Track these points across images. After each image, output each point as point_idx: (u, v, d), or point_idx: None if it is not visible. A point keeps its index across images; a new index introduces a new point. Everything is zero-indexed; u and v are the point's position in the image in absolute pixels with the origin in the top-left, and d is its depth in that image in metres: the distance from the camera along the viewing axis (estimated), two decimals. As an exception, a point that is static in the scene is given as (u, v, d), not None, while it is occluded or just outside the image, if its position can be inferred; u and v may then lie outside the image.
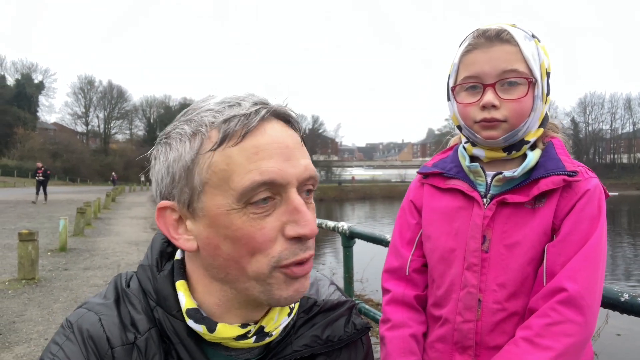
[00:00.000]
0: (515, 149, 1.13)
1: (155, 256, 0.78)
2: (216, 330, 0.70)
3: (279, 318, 0.76)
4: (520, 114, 1.07)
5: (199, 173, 0.66)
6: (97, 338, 0.69)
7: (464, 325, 1.13)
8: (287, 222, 0.66)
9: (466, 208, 1.17)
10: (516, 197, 1.10)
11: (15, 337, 4.62)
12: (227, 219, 0.65)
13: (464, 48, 1.13)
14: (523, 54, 1.06)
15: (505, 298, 1.09)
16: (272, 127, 0.68)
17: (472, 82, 1.10)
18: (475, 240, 1.13)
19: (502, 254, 1.10)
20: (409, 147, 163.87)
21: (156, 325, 0.72)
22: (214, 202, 0.66)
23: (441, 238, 1.20)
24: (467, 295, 1.13)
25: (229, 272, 0.69)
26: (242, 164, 0.64)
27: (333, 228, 3.84)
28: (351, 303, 0.86)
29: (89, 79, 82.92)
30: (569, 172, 1.06)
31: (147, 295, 0.74)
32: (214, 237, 0.67)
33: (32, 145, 64.45)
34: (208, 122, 0.67)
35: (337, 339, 0.80)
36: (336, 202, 56.22)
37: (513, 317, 1.09)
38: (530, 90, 1.07)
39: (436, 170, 1.25)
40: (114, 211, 20.24)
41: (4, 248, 9.45)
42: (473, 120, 1.11)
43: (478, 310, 1.11)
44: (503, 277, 1.10)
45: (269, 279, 0.67)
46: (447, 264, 1.18)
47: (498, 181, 1.13)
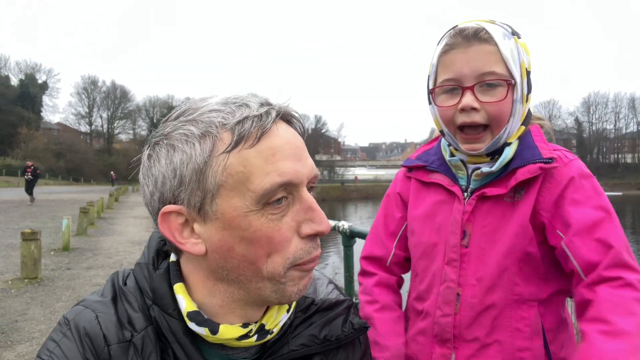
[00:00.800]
0: (498, 153, 1.12)
1: (152, 254, 0.78)
2: (219, 332, 0.70)
3: (279, 315, 0.76)
4: (500, 117, 1.06)
5: (213, 175, 0.65)
6: (93, 335, 0.70)
7: (443, 319, 1.14)
8: (303, 221, 0.68)
9: (448, 202, 1.17)
10: (495, 190, 1.10)
11: (18, 336, 4.64)
12: (245, 220, 0.65)
13: (441, 48, 1.10)
14: (502, 54, 1.04)
15: (483, 292, 1.10)
16: (282, 128, 0.69)
17: (451, 84, 1.08)
18: (455, 235, 1.13)
19: (482, 248, 1.11)
20: (411, 147, 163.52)
21: (152, 323, 0.72)
22: (229, 204, 0.65)
23: (424, 233, 1.20)
24: (446, 290, 1.14)
25: (241, 272, 0.69)
26: (260, 165, 0.64)
27: (334, 227, 3.85)
28: (349, 302, 0.86)
29: (93, 79, 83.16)
30: (545, 160, 1.05)
31: (143, 293, 0.74)
32: (228, 239, 0.67)
33: (36, 145, 64.64)
34: (218, 123, 0.65)
35: (334, 339, 0.80)
36: (339, 202, 56.23)
37: (490, 309, 1.09)
38: (510, 93, 1.05)
39: (419, 164, 1.25)
40: (117, 211, 20.29)
41: (7, 247, 9.49)
42: (454, 124, 1.10)
43: (457, 305, 1.12)
44: (482, 272, 1.10)
45: (283, 278, 0.69)
46: (430, 259, 1.18)
47: (477, 176, 1.13)
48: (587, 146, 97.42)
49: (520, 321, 1.08)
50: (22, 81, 75.86)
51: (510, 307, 1.08)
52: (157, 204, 0.69)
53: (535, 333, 1.08)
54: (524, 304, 1.08)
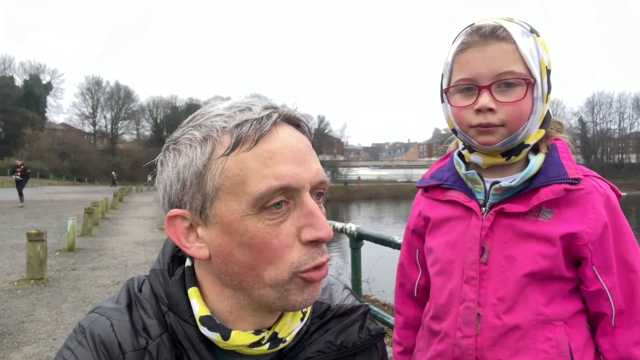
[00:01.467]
0: (515, 154, 1.07)
1: (167, 261, 0.78)
2: (230, 337, 0.70)
3: (292, 323, 0.75)
4: (519, 117, 1.01)
5: (212, 179, 0.65)
6: (108, 343, 0.69)
7: (464, 340, 1.08)
8: (303, 227, 0.66)
9: (464, 218, 1.12)
10: (515, 207, 1.05)
11: (24, 337, 4.65)
12: (242, 225, 0.64)
13: (457, 46, 1.06)
14: (520, 52, 1.00)
15: (505, 312, 1.05)
16: (284, 132, 0.68)
17: (467, 84, 1.04)
18: (473, 252, 1.08)
19: (502, 266, 1.06)
20: (415, 147, 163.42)
21: (168, 330, 0.71)
22: (227, 207, 0.65)
23: (440, 250, 1.16)
24: (466, 310, 1.08)
25: (243, 279, 0.68)
26: (256, 169, 0.64)
27: (341, 229, 3.84)
28: (365, 308, 0.85)
29: (97, 80, 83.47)
30: (570, 180, 1.00)
31: (159, 300, 0.74)
32: (227, 244, 0.66)
33: (40, 145, 64.91)
34: (219, 127, 0.66)
35: (351, 345, 0.79)
36: (342, 202, 56.22)
37: (514, 331, 1.04)
38: (529, 92, 1.01)
39: (434, 183, 1.20)
40: (121, 211, 20.34)
41: (12, 248, 9.53)
42: (468, 124, 1.05)
43: (477, 325, 1.07)
44: (503, 291, 1.05)
45: (288, 285, 0.67)
46: (447, 277, 1.14)
47: (496, 190, 1.08)
48: (591, 146, 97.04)
49: (546, 342, 1.03)
50: (27, 82, 76.21)
51: (535, 328, 1.03)
52: (167, 207, 0.70)
53: (562, 354, 1.02)
54: (549, 324, 1.03)
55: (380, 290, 8.47)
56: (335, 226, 3.95)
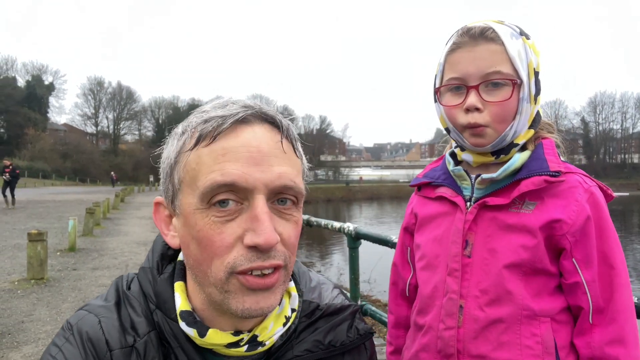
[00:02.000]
0: (504, 153, 1.09)
1: (156, 258, 0.78)
2: (206, 335, 0.70)
3: (274, 327, 0.74)
4: (504, 117, 1.04)
5: (178, 171, 0.69)
6: (96, 340, 0.69)
7: (446, 332, 1.08)
8: (247, 230, 0.64)
9: (451, 214, 1.14)
10: (497, 200, 1.07)
11: (24, 337, 4.66)
12: (193, 218, 0.67)
13: (448, 47, 1.09)
14: (508, 53, 1.03)
15: (487, 304, 1.05)
16: (251, 131, 0.67)
17: (456, 83, 1.07)
18: (456, 244, 1.10)
19: (485, 258, 1.07)
20: (416, 147, 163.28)
21: (155, 328, 0.71)
22: (186, 200, 0.68)
23: (427, 245, 1.18)
24: (449, 302, 1.09)
25: (197, 273, 0.69)
26: (207, 164, 0.65)
27: (339, 229, 3.84)
28: (355, 307, 0.85)
29: (99, 80, 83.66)
30: (551, 172, 1.02)
31: (147, 298, 0.74)
32: (186, 236, 0.69)
33: (43, 146, 65.12)
34: (194, 123, 0.69)
35: (339, 344, 0.79)
36: (344, 203, 56.28)
37: (496, 324, 1.04)
38: (515, 92, 1.03)
39: (425, 181, 1.23)
40: (122, 211, 20.37)
41: (13, 248, 9.55)
42: (460, 124, 1.08)
43: (460, 317, 1.08)
44: (485, 283, 1.06)
45: (226, 286, 0.65)
46: (431, 271, 1.15)
47: (480, 184, 1.10)
48: (594, 146, 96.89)
49: (531, 338, 1.02)
50: (29, 82, 76.50)
51: (520, 323, 1.03)
52: None
53: (547, 351, 1.02)
54: (535, 319, 1.03)
55: (381, 290, 8.46)
56: (333, 226, 3.95)
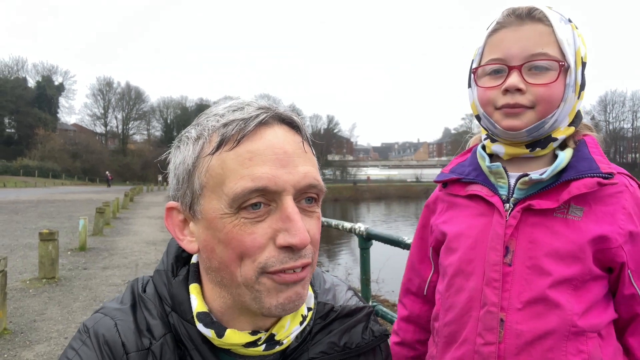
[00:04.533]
0: (540, 146, 1.00)
1: (171, 261, 0.79)
2: (225, 335, 0.70)
3: (291, 326, 0.75)
4: (550, 100, 0.95)
5: (199, 176, 0.68)
6: (112, 343, 0.70)
7: (485, 347, 0.99)
8: (280, 230, 0.65)
9: (486, 215, 1.04)
10: (543, 203, 0.97)
11: (36, 336, 4.70)
12: (221, 222, 0.66)
13: (491, 28, 1.02)
14: (556, 35, 0.95)
15: (531, 318, 0.96)
16: (273, 132, 0.68)
17: (497, 63, 0.99)
18: (496, 252, 1.00)
19: (527, 267, 0.98)
20: (424, 147, 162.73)
21: (171, 330, 0.71)
22: (210, 205, 0.67)
23: (459, 249, 1.07)
24: (487, 315, 0.99)
25: (223, 275, 0.69)
26: (235, 169, 0.65)
27: (350, 229, 3.82)
28: (369, 309, 0.85)
29: (108, 81, 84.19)
30: (604, 175, 0.94)
31: (162, 300, 0.74)
32: (210, 240, 0.68)
33: (53, 146, 65.79)
34: (211, 126, 0.68)
35: (354, 346, 0.79)
36: (351, 202, 56.24)
37: (542, 340, 0.95)
38: (562, 77, 0.95)
39: (454, 177, 1.13)
40: (132, 211, 20.52)
41: (25, 247, 9.65)
42: (494, 106, 1.00)
43: (500, 332, 0.98)
44: (528, 294, 0.97)
45: (257, 285, 0.66)
46: (465, 278, 1.05)
47: (523, 184, 1.00)
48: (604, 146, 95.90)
49: (578, 355, 0.94)
50: (39, 83, 77.19)
51: (566, 339, 0.94)
52: (170, 200, 0.74)
53: None
54: (583, 335, 0.94)
55: (390, 290, 8.45)
56: (344, 226, 3.94)
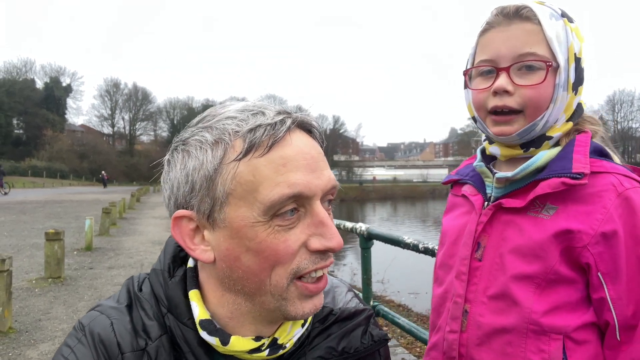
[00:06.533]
0: (534, 146, 1.00)
1: (168, 261, 0.77)
2: (230, 343, 0.69)
3: (293, 329, 0.74)
4: (537, 102, 0.95)
5: (222, 183, 0.64)
6: (108, 342, 0.69)
7: (450, 335, 1.06)
8: (312, 235, 0.66)
9: (469, 213, 1.09)
10: (512, 202, 0.99)
11: (41, 335, 4.74)
12: (252, 231, 0.64)
13: (481, 28, 1.04)
14: (545, 34, 0.95)
15: (493, 312, 0.99)
16: (298, 138, 0.67)
17: (487, 65, 0.99)
18: (466, 247, 1.05)
19: (495, 263, 1.00)
20: (431, 147, 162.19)
21: (167, 332, 0.71)
22: (237, 213, 0.64)
23: (445, 244, 1.15)
24: (453, 305, 1.06)
25: (246, 284, 0.67)
26: (269, 175, 0.63)
27: (351, 229, 3.83)
28: (369, 312, 0.83)
29: (115, 82, 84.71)
30: (572, 175, 0.92)
31: (159, 301, 0.73)
32: (235, 248, 0.66)
33: (61, 146, 66.27)
34: (232, 131, 0.65)
35: (353, 351, 0.77)
36: (357, 203, 56.10)
37: (502, 333, 0.97)
38: (551, 77, 0.95)
39: (454, 178, 1.20)
40: (138, 211, 20.62)
41: (31, 247, 9.72)
42: (485, 109, 1.01)
43: (464, 322, 1.03)
44: (493, 289, 1.00)
45: (285, 293, 0.66)
46: (446, 271, 1.12)
47: (497, 183, 1.04)
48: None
49: (537, 354, 0.94)
50: (47, 84, 77.78)
51: (525, 336, 0.95)
52: (173, 208, 0.69)
53: None
54: (544, 335, 0.94)
55: (395, 290, 8.42)
56: (346, 226, 3.94)
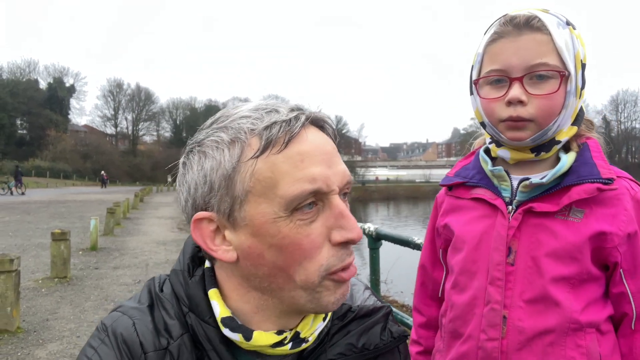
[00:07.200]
0: (545, 150, 1.04)
1: (187, 261, 0.78)
2: (253, 338, 0.70)
3: (315, 323, 0.75)
4: (550, 111, 0.99)
5: (241, 181, 0.65)
6: (130, 342, 0.69)
7: (489, 343, 1.04)
8: (333, 228, 0.66)
9: (490, 217, 1.09)
10: (544, 206, 1.01)
11: (49, 335, 4.76)
12: (274, 227, 0.64)
13: (489, 36, 1.04)
14: (555, 43, 0.97)
15: (533, 315, 1.01)
16: (312, 134, 0.68)
17: (498, 75, 1.01)
18: (499, 252, 1.05)
19: (529, 267, 1.02)
20: (433, 147, 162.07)
21: (189, 330, 0.71)
22: (258, 210, 0.65)
23: (464, 249, 1.12)
24: (491, 312, 1.05)
25: (272, 280, 0.68)
26: (288, 171, 0.64)
27: (359, 229, 3.82)
28: (387, 309, 0.83)
29: (118, 82, 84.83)
30: (604, 180, 0.97)
31: (179, 300, 0.74)
32: (257, 245, 0.66)
33: (64, 146, 66.42)
34: (247, 129, 0.65)
35: (372, 347, 0.77)
36: (360, 203, 56.06)
37: (543, 335, 1.01)
38: (563, 85, 0.98)
39: (459, 180, 1.17)
40: (142, 211, 20.65)
41: (37, 247, 9.75)
42: (498, 118, 1.02)
43: (503, 328, 1.03)
44: (530, 293, 1.02)
45: (319, 288, 0.67)
46: (470, 277, 1.10)
47: (525, 187, 1.04)
48: (616, 145, 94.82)
49: (576, 349, 0.99)
50: (51, 85, 77.94)
51: (566, 334, 0.99)
52: (191, 210, 0.69)
53: None
54: (581, 330, 1.00)
55: (399, 291, 8.42)
56: (354, 226, 3.93)
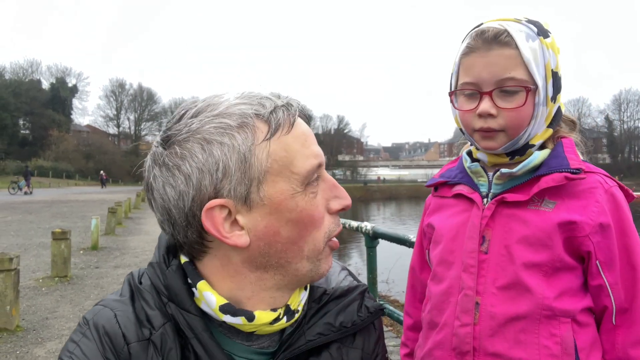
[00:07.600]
0: (519, 154, 1.09)
1: (162, 253, 0.79)
2: (256, 318, 0.73)
3: (299, 294, 0.79)
4: (519, 123, 1.04)
5: (258, 162, 0.68)
6: (112, 334, 0.70)
7: (462, 329, 1.07)
8: (330, 198, 0.76)
9: (467, 210, 1.13)
10: (516, 196, 1.06)
11: (48, 333, 4.77)
12: (292, 202, 0.70)
13: (462, 49, 1.09)
14: (523, 57, 1.01)
15: (505, 302, 1.04)
16: (299, 118, 0.75)
17: (470, 88, 1.07)
18: (472, 240, 1.09)
19: (502, 255, 1.06)
20: (435, 147, 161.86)
21: (170, 320, 0.72)
22: (276, 188, 0.69)
23: (442, 242, 1.17)
24: (464, 298, 1.07)
25: (283, 255, 0.72)
26: (298, 149, 0.70)
27: (356, 228, 3.83)
28: (363, 287, 0.87)
29: (120, 82, 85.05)
30: (572, 170, 1.01)
31: (158, 292, 0.75)
32: (274, 224, 0.70)
33: (66, 146, 66.58)
34: (252, 114, 0.69)
35: (350, 325, 0.80)
36: (362, 202, 56.04)
37: (514, 322, 1.02)
38: (530, 97, 1.03)
39: (442, 180, 1.23)
40: (143, 211, 20.70)
41: (38, 246, 9.79)
42: (472, 128, 1.09)
43: (476, 314, 1.06)
44: (503, 280, 1.04)
45: (320, 255, 0.75)
46: (447, 267, 1.14)
47: (498, 179, 1.09)
48: (618, 145, 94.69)
49: (550, 338, 1.00)
50: (53, 85, 78.16)
51: (539, 322, 1.01)
52: (188, 203, 0.68)
53: (566, 352, 1.00)
54: (555, 319, 1.01)
55: (400, 290, 8.41)
56: (351, 225, 3.95)
